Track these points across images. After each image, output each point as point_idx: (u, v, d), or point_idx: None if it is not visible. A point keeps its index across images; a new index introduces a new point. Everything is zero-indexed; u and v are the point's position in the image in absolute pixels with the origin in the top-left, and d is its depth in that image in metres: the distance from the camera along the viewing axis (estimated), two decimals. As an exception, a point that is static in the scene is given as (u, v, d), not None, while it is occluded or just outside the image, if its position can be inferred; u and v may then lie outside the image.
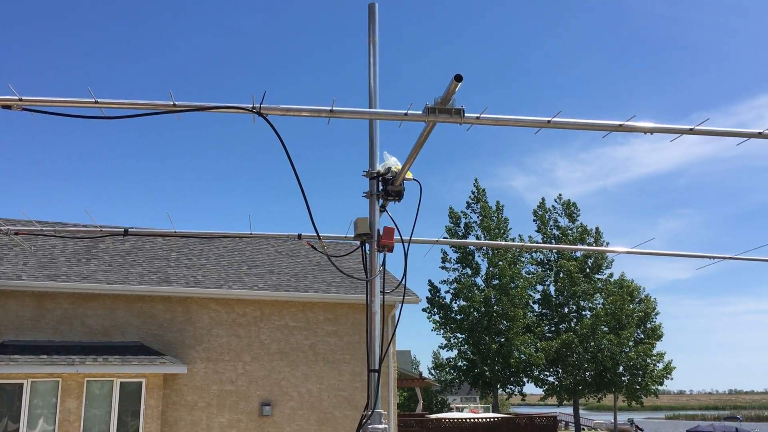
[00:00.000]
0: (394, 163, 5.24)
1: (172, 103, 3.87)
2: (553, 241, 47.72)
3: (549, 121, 4.06)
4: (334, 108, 3.97)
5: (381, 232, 5.15)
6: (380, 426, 4.62)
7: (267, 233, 6.44)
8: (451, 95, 3.81)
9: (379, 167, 5.26)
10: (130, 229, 6.24)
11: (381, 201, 5.29)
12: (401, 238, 5.29)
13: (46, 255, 18.46)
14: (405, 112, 4.02)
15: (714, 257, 6.56)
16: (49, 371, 15.21)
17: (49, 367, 15.17)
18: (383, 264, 5.14)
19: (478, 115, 3.96)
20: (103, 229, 6.81)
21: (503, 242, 36.84)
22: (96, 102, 3.83)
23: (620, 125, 4.15)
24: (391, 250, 5.18)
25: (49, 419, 15.29)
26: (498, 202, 46.89)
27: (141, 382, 16.31)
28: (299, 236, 6.15)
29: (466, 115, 3.91)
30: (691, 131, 4.13)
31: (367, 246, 5.22)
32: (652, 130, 4.20)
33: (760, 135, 4.06)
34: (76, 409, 15.47)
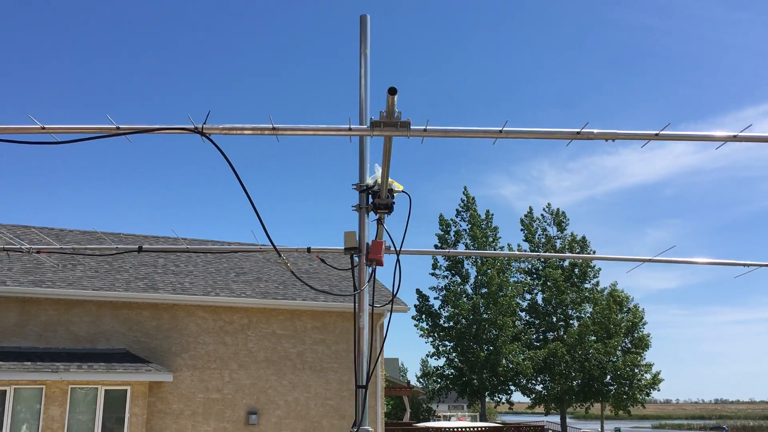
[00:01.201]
0: (377, 176, 5.19)
1: (115, 126, 3.94)
2: (540, 249, 47.81)
3: (501, 131, 3.95)
4: (276, 126, 3.93)
5: (370, 246, 5.10)
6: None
7: (276, 246, 6.36)
8: (392, 108, 3.76)
9: (369, 180, 5.22)
10: (144, 246, 6.19)
11: (376, 215, 5.22)
12: (396, 249, 5.23)
13: (31, 260, 18.26)
14: (349, 127, 3.96)
15: (747, 264, 6.22)
16: (32, 378, 15.03)
17: (32, 374, 14.98)
18: (371, 278, 5.07)
19: (424, 127, 3.90)
20: (118, 247, 6.85)
21: (516, 252, 36.85)
22: (43, 128, 3.91)
23: (578, 133, 3.99)
24: (380, 263, 5.12)
25: (32, 426, 15.10)
26: (488, 211, 46.98)
27: (126, 390, 16.14)
28: (308, 250, 6.07)
29: (412, 127, 3.85)
30: (656, 136, 3.95)
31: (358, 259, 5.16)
32: (613, 137, 4.03)
33: (735, 138, 3.91)
34: (60, 417, 15.28)
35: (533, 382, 45.69)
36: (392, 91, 3.54)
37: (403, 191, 5.32)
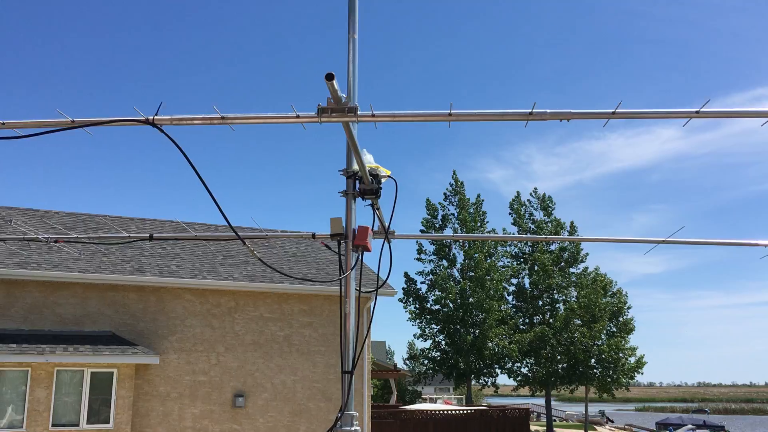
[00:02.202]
0: (368, 161, 5.18)
1: (70, 120, 4.07)
2: (528, 234, 47.97)
3: (450, 114, 3.91)
4: (224, 115, 3.97)
5: (356, 232, 5.09)
6: (351, 428, 4.59)
7: (280, 231, 6.37)
8: (336, 94, 3.74)
9: (356, 165, 5.20)
10: (154, 235, 6.23)
11: (363, 200, 5.22)
12: (386, 234, 5.24)
13: (16, 242, 18.13)
14: (296, 114, 3.94)
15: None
16: (18, 360, 14.99)
17: (18, 356, 14.94)
18: (356, 263, 5.07)
19: (372, 112, 3.89)
20: (130, 236, 7.06)
21: (517, 235, 36.90)
22: (3, 123, 4.02)
23: (530, 113, 3.91)
24: (367, 249, 5.12)
25: (17, 408, 15.08)
26: (478, 195, 47.05)
27: (112, 372, 16.13)
28: (313, 235, 6.05)
29: (359, 113, 3.83)
30: (612, 114, 3.87)
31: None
32: (567, 117, 3.94)
33: (697, 114, 3.85)
34: (46, 399, 15.27)
35: (519, 365, 46.04)
36: (329, 77, 3.51)
37: (389, 176, 5.31)
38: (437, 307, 44.56)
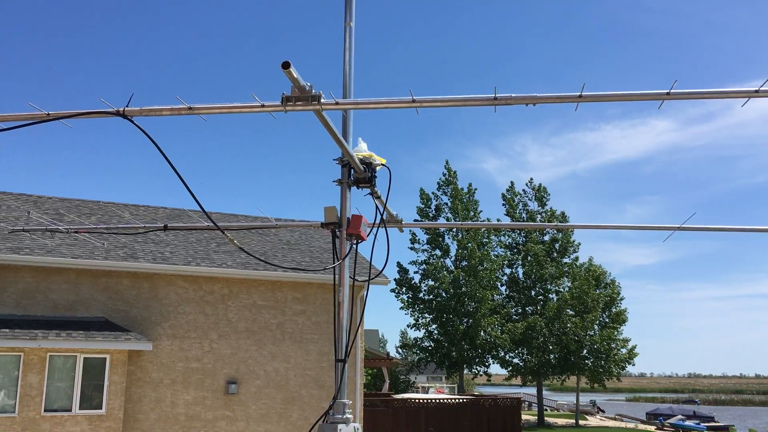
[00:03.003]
0: (362, 149, 5.17)
1: (46, 113, 4.24)
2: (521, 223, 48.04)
3: (413, 100, 3.89)
4: (191, 105, 4.02)
5: (350, 221, 5.09)
6: (343, 416, 4.61)
7: (290, 220, 6.37)
8: (297, 83, 3.72)
9: (359, 154, 5.19)
10: (168, 225, 6.29)
11: (358, 189, 5.22)
12: (384, 224, 5.23)
13: (8, 227, 18.05)
14: (261, 103, 3.95)
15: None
16: (10, 345, 14.97)
17: (10, 341, 14.92)
18: (349, 252, 5.06)
19: (335, 100, 3.90)
20: (145, 225, 7.22)
21: (523, 223, 36.93)
22: None
23: (495, 98, 3.86)
24: (362, 238, 5.12)
25: (10, 393, 15.08)
26: (470, 185, 47.01)
27: (105, 358, 16.14)
28: (322, 225, 6.03)
29: (323, 101, 3.82)
30: (580, 98, 3.80)
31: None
32: (533, 101, 3.87)
33: (668, 96, 3.70)
34: (38, 384, 15.27)
35: (511, 354, 46.24)
36: (285, 65, 3.49)
37: (383, 165, 5.30)
38: (430, 296, 44.68)
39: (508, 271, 48.43)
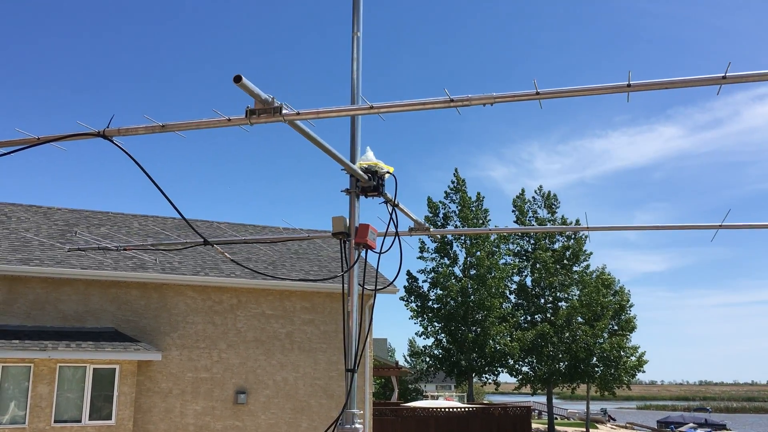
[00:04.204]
0: (368, 158, 5.16)
1: (36, 137, 4.52)
2: (531, 232, 47.87)
3: (371, 107, 3.98)
4: (164, 123, 4.25)
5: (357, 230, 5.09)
6: (353, 426, 4.59)
7: (299, 230, 6.39)
8: (255, 95, 3.77)
9: (359, 163, 5.20)
10: (208, 239, 6.49)
11: (366, 198, 5.22)
12: (396, 233, 5.23)
13: (18, 238, 18.17)
14: (228, 118, 4.07)
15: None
16: (20, 356, 15.01)
17: (20, 352, 14.96)
18: (354, 263, 5.06)
19: (297, 111, 3.97)
20: (186, 242, 7.67)
21: (539, 227, 36.84)
22: None
23: (451, 100, 3.89)
24: (370, 247, 5.11)
25: (20, 404, 15.11)
26: (479, 193, 46.89)
27: (115, 369, 16.16)
28: (333, 234, 6.06)
29: (284, 112, 3.89)
30: (537, 95, 3.78)
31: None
32: (491, 101, 3.89)
33: (629, 87, 3.54)
34: (48, 395, 15.30)
35: (520, 363, 46.00)
36: (236, 79, 3.53)
37: (389, 173, 5.29)
38: (439, 305, 44.56)
39: (516, 279, 48.26)
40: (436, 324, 44.94)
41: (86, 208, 22.07)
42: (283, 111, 3.88)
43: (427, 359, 46.38)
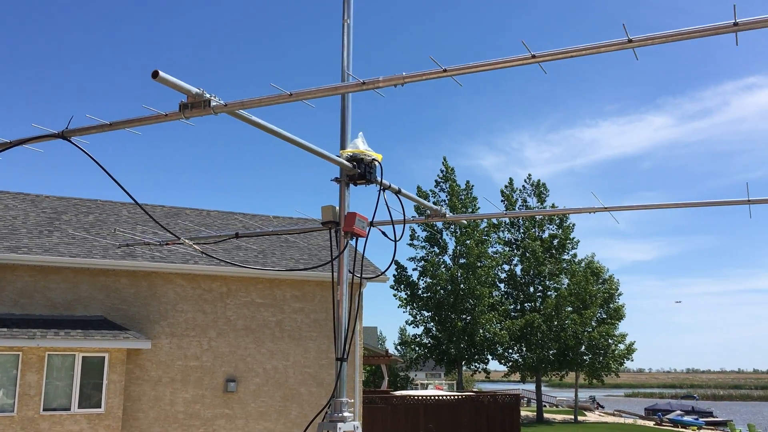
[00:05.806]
0: (358, 146, 5.13)
1: (8, 141, 4.61)
2: (519, 221, 48.01)
3: (291, 94, 4.05)
4: (112, 121, 4.41)
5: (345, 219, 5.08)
6: (342, 414, 4.60)
7: (288, 218, 6.38)
8: (180, 89, 3.85)
9: (348, 150, 5.17)
10: (239, 233, 6.51)
11: (356, 186, 5.20)
12: (392, 221, 5.22)
13: (7, 226, 18.04)
14: (165, 113, 4.16)
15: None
16: (8, 344, 14.94)
17: (8, 340, 14.89)
18: (342, 251, 5.05)
19: (225, 103, 4.03)
20: (219, 235, 7.88)
21: (533, 210, 36.91)
22: None
23: (363, 83, 4.02)
24: (360, 235, 5.10)
25: (8, 392, 15.06)
26: (468, 182, 46.96)
27: (104, 357, 16.12)
28: (323, 224, 6.03)
29: (212, 105, 3.96)
30: (444, 72, 3.77)
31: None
32: (401, 81, 3.92)
33: (629, 43, 3.48)
34: (37, 383, 15.25)
35: (510, 351, 46.26)
36: (154, 75, 3.55)
37: (377, 161, 5.25)
38: (428, 293, 44.66)
39: (506, 267, 48.43)
40: (425, 313, 45.07)
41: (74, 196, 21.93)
42: (212, 103, 3.94)
43: (417, 348, 46.53)
